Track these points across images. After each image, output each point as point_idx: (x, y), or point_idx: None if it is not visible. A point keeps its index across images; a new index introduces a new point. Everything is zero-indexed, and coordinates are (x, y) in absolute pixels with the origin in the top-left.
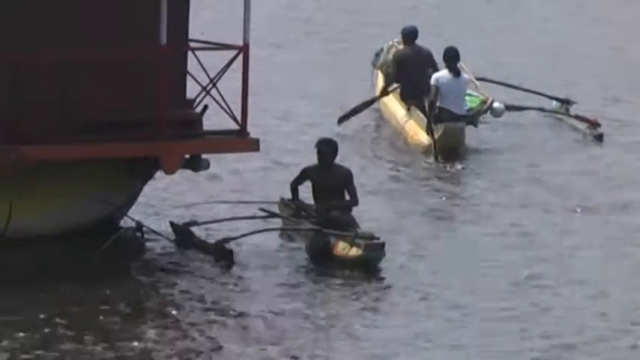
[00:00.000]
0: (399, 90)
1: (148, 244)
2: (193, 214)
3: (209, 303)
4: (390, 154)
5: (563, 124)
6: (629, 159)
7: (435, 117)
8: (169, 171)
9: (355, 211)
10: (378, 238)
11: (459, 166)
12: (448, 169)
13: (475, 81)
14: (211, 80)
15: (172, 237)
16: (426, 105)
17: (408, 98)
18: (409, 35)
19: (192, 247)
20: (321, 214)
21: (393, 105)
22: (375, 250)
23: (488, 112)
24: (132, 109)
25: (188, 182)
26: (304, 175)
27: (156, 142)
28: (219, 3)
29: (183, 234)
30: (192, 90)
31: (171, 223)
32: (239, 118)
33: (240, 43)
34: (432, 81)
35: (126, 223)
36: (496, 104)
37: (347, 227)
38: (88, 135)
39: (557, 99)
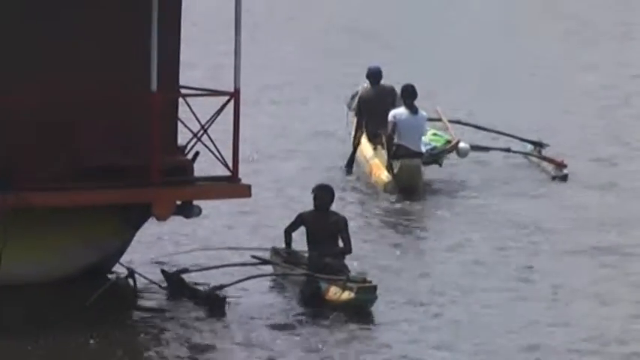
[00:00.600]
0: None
1: (140, 292)
2: (184, 260)
3: (201, 351)
4: (358, 193)
5: (530, 165)
6: (589, 200)
7: (393, 153)
8: (161, 217)
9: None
10: (370, 282)
11: (417, 206)
12: (408, 205)
13: (447, 123)
14: (202, 127)
15: (164, 284)
16: (384, 141)
17: (374, 137)
18: (373, 76)
19: (185, 295)
20: (313, 261)
21: (364, 145)
22: (367, 292)
23: (454, 152)
24: (123, 156)
25: (180, 226)
26: (299, 220)
27: (147, 188)
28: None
29: (174, 282)
30: (183, 136)
31: (163, 272)
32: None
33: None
34: (390, 117)
35: (118, 270)
36: (462, 144)
37: (339, 273)
38: (79, 181)
39: (529, 141)
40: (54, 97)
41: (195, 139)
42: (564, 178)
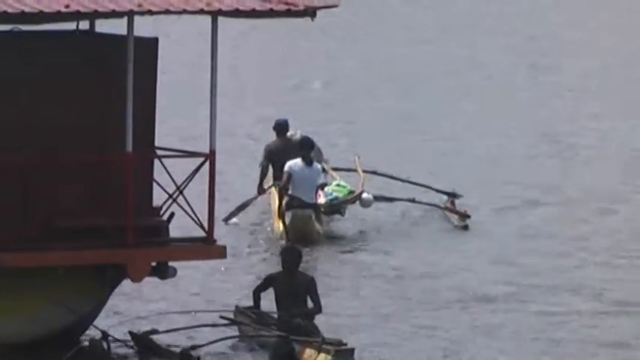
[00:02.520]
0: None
1: (114, 354)
2: (154, 321)
3: None
4: (264, 243)
5: (436, 215)
6: (491, 248)
7: (286, 204)
8: (136, 279)
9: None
10: (345, 344)
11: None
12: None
13: (362, 173)
14: (178, 187)
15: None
16: (277, 191)
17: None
18: (278, 128)
19: (156, 357)
20: (283, 321)
21: (274, 196)
22: (345, 356)
23: (358, 202)
24: (98, 216)
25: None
26: (268, 282)
27: (122, 249)
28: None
29: (144, 343)
30: (158, 196)
31: (131, 333)
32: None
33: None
34: (285, 168)
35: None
36: (365, 195)
37: (310, 334)
38: (52, 241)
39: (444, 192)
40: (28, 157)
41: (170, 200)
42: (465, 227)
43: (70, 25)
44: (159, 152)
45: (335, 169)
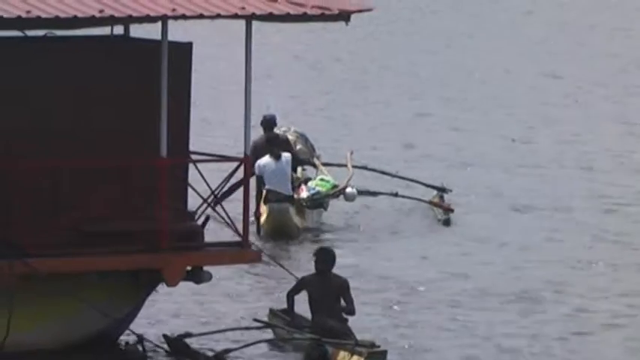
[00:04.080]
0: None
1: (149, 357)
2: (188, 324)
3: None
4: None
5: (420, 209)
6: (471, 247)
7: (263, 198)
8: (171, 283)
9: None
10: (378, 346)
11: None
12: (280, 249)
13: (351, 168)
14: (212, 192)
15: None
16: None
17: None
18: (265, 123)
19: None
20: (317, 324)
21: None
22: (377, 358)
23: (343, 196)
24: (133, 221)
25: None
26: (301, 284)
27: (157, 254)
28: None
29: (177, 347)
30: (194, 201)
31: (165, 336)
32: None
33: None
34: (255, 170)
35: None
36: (349, 189)
37: (344, 337)
38: (87, 247)
39: (433, 187)
40: (63, 162)
41: (205, 205)
42: (447, 222)
43: (104, 30)
44: (193, 157)
45: (325, 165)
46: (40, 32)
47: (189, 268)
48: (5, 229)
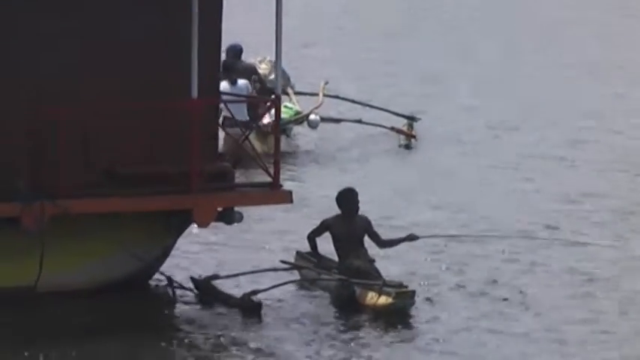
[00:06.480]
0: None
1: (179, 300)
2: (215, 265)
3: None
4: None
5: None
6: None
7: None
8: (203, 224)
9: None
10: (406, 287)
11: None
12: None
13: (322, 97)
14: (243, 132)
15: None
16: None
17: None
18: (227, 51)
19: (217, 301)
20: (344, 265)
21: None
22: (406, 298)
23: (306, 123)
24: (164, 162)
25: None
26: (324, 227)
27: (188, 195)
28: None
29: (205, 289)
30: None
31: (192, 279)
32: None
33: None
34: None
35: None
36: (312, 116)
37: (371, 277)
38: (120, 188)
39: (403, 115)
40: (92, 105)
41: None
42: (407, 147)
43: None
44: (224, 97)
45: (298, 94)
46: None
47: (220, 208)
48: (37, 171)
